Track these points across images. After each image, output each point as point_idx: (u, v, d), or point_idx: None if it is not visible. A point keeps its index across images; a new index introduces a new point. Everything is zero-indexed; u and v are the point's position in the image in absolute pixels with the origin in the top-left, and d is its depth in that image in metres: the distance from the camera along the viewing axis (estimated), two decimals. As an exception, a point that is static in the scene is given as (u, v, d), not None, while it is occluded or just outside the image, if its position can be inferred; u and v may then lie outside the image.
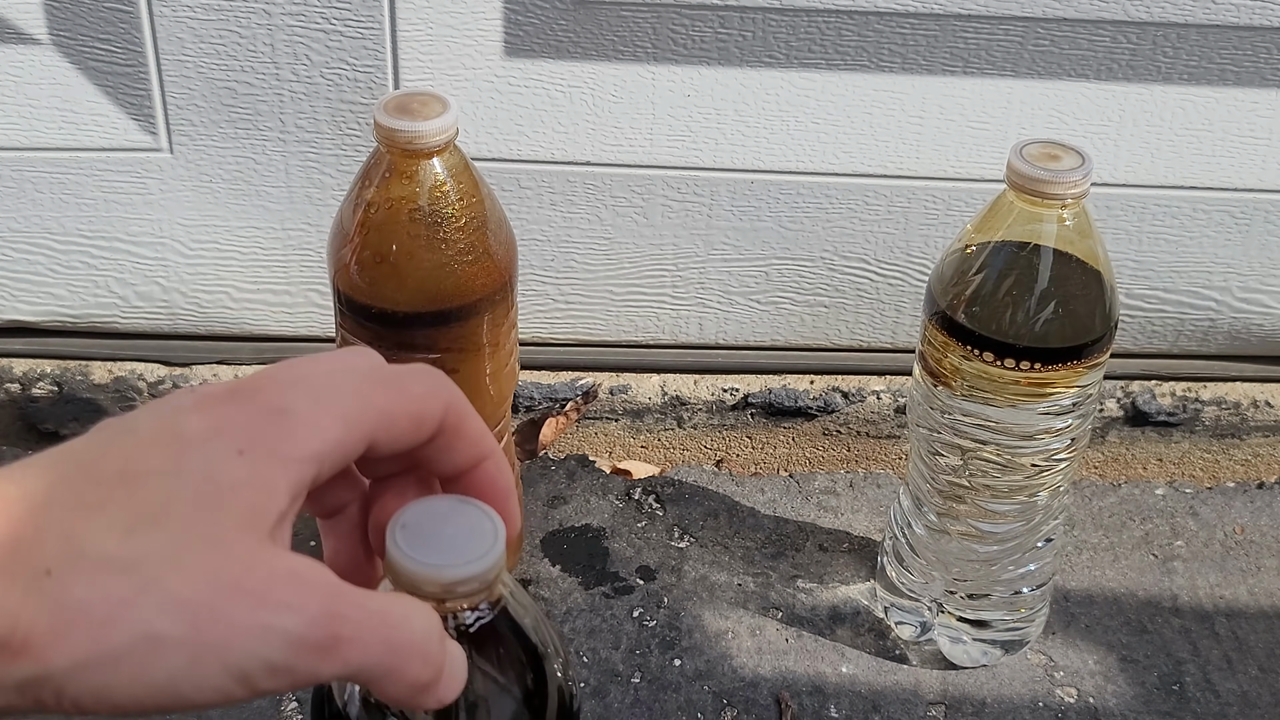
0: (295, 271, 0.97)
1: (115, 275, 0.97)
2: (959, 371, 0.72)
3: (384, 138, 0.70)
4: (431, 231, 0.71)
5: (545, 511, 0.93)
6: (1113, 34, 0.88)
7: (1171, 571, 0.91)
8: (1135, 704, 0.81)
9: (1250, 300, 0.99)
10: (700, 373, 1.00)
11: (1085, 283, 0.71)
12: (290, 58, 0.89)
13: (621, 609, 0.86)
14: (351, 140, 0.92)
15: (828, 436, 1.01)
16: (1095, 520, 0.95)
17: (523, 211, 0.94)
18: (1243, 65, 0.90)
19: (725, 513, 0.94)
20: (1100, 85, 0.90)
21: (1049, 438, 0.73)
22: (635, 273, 0.98)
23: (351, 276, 0.72)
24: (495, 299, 0.74)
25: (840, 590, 0.88)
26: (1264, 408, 1.00)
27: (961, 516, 0.77)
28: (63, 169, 0.92)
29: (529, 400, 0.99)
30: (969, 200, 0.94)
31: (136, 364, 0.98)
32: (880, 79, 0.90)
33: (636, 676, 0.81)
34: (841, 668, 0.82)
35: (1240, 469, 1.03)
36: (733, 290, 0.99)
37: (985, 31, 0.88)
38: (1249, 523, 0.95)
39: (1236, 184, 0.94)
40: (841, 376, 1.00)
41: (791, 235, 0.96)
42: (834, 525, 0.93)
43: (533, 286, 0.98)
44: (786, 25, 0.88)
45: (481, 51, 0.89)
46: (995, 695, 0.81)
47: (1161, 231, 0.96)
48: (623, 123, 0.92)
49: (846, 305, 0.99)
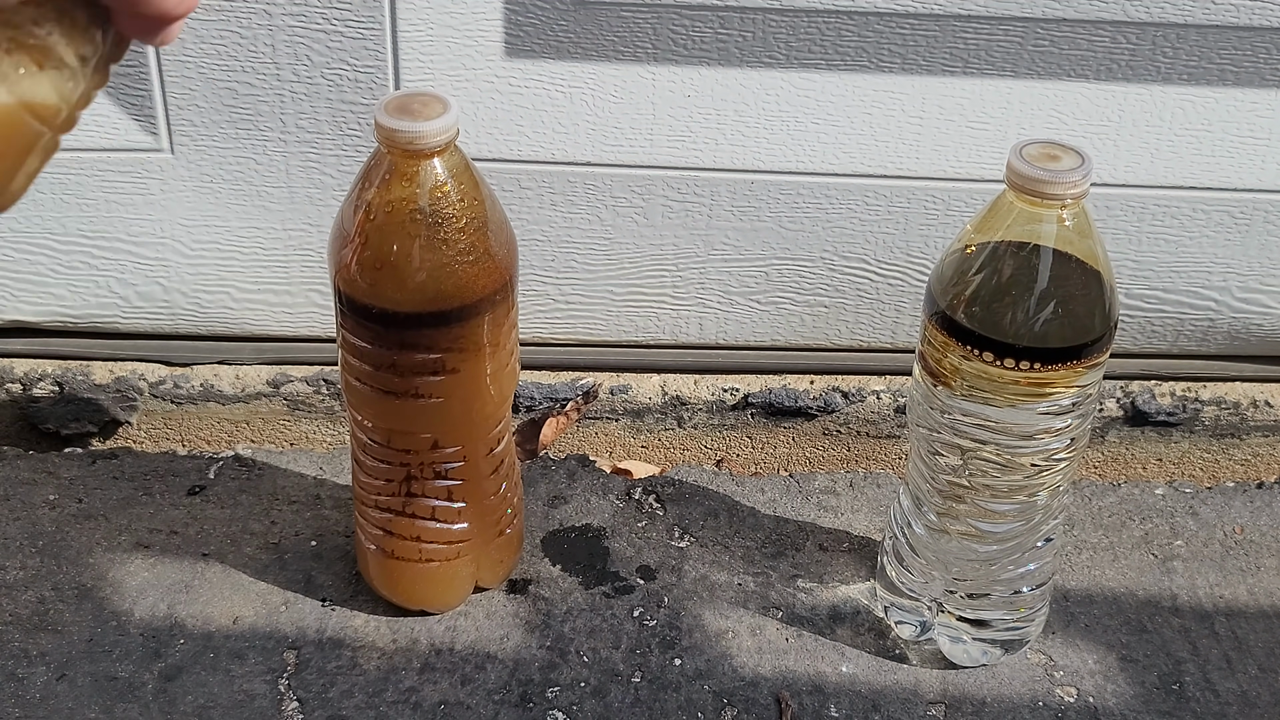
0: (296, 272, 0.97)
1: (116, 275, 0.97)
2: (959, 371, 0.72)
3: (385, 138, 0.70)
4: (432, 232, 0.71)
5: (546, 511, 0.93)
6: (1112, 34, 0.89)
7: (1171, 571, 0.91)
8: (1135, 703, 0.81)
9: (1250, 300, 0.99)
10: (700, 373, 1.00)
11: (1085, 283, 0.71)
12: (291, 58, 0.89)
13: (622, 609, 0.86)
14: (352, 140, 0.92)
15: (828, 436, 1.01)
16: (1095, 520, 0.95)
17: (523, 212, 0.94)
18: (1243, 65, 0.90)
19: (725, 513, 0.94)
20: (1100, 85, 0.91)
21: (1049, 438, 0.73)
22: (635, 273, 0.98)
23: (352, 276, 0.72)
24: (496, 299, 0.74)
25: (840, 590, 0.88)
26: (1263, 408, 1.00)
27: (961, 516, 0.78)
28: (64, 169, 0.92)
29: (529, 400, 0.99)
30: (969, 200, 0.95)
31: (138, 364, 0.99)
32: (880, 79, 0.90)
33: (637, 676, 0.81)
34: (841, 667, 0.82)
35: (1240, 469, 1.03)
36: (733, 290, 0.99)
37: (985, 32, 0.88)
38: (1248, 523, 0.95)
39: (1236, 184, 0.95)
40: (841, 376, 1.01)
41: (791, 235, 0.96)
42: (834, 525, 0.93)
43: (533, 286, 0.98)
44: (786, 25, 0.88)
45: (482, 52, 0.89)
46: (995, 695, 0.81)
47: (1161, 231, 0.96)
48: (623, 123, 0.92)
49: (846, 305, 0.99)
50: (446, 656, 0.82)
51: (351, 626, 0.83)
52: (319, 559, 0.88)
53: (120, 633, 0.82)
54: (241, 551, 0.88)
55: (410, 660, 0.81)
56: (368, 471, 0.80)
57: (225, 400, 0.98)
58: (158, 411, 0.99)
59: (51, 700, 0.78)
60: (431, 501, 0.79)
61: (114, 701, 0.78)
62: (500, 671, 0.81)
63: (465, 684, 0.80)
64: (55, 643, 0.81)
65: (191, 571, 0.87)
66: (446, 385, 0.74)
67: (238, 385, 0.98)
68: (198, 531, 0.90)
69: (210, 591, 0.85)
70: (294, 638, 0.83)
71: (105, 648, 0.81)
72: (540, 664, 0.81)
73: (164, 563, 0.87)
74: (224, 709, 0.78)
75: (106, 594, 0.85)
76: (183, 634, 0.82)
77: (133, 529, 0.90)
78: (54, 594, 0.85)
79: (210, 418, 0.99)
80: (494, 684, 0.80)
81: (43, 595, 0.85)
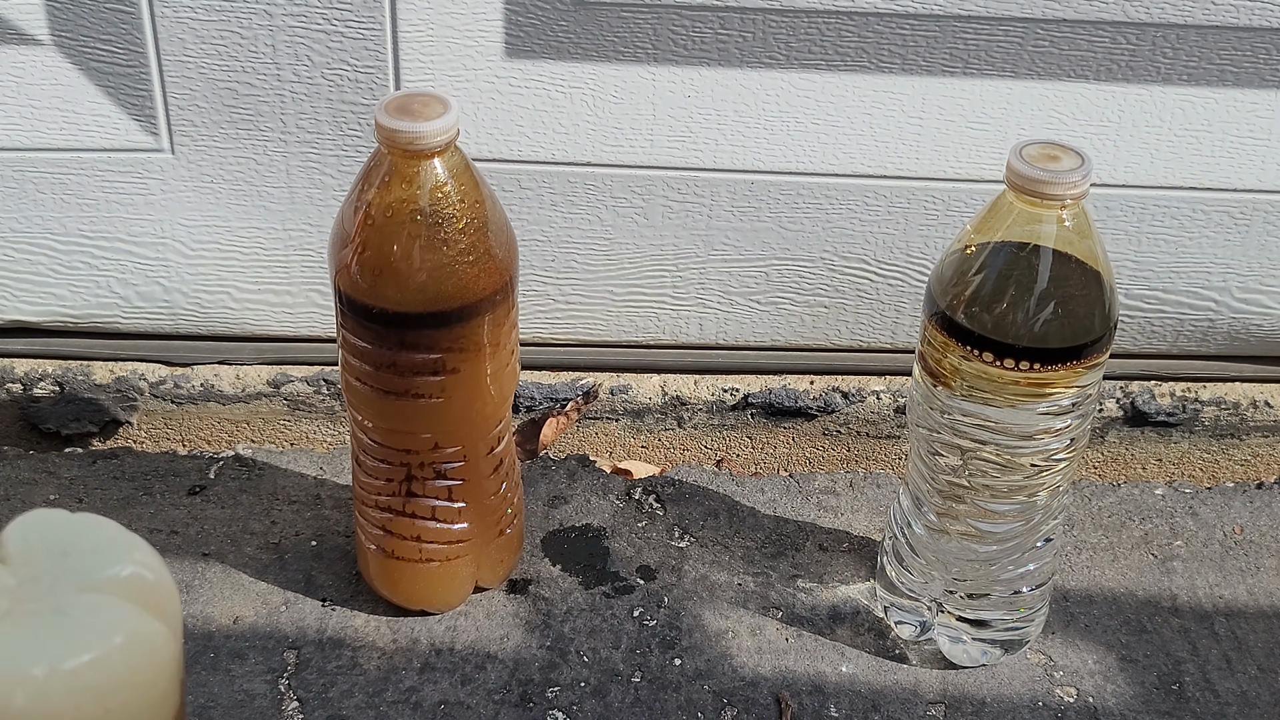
0: (296, 272, 0.97)
1: (117, 275, 0.97)
2: (959, 371, 0.72)
3: (385, 138, 0.70)
4: (432, 232, 0.71)
5: (546, 511, 0.93)
6: (1112, 35, 0.89)
7: (1171, 571, 0.91)
8: (1135, 703, 0.81)
9: (1249, 300, 0.99)
10: (700, 373, 1.00)
11: (1085, 283, 0.71)
12: (291, 58, 0.89)
13: (622, 609, 0.86)
14: (352, 141, 0.92)
15: (828, 436, 1.01)
16: (1095, 520, 0.95)
17: (523, 212, 0.94)
18: (1243, 65, 0.90)
19: (725, 513, 0.94)
20: (1100, 86, 0.91)
21: (1048, 438, 0.73)
22: (635, 273, 0.98)
23: (353, 277, 0.72)
24: (496, 299, 0.74)
25: (840, 590, 0.88)
26: (1263, 408, 1.00)
27: (961, 516, 0.78)
28: (64, 169, 0.92)
29: (529, 400, 0.99)
30: (969, 200, 0.95)
31: (138, 364, 0.99)
32: (880, 79, 0.90)
33: (637, 676, 0.81)
34: (841, 667, 0.82)
35: (1239, 469, 1.03)
36: (733, 290, 0.99)
37: (985, 32, 0.88)
38: (1248, 523, 0.95)
39: (1236, 184, 0.95)
40: (841, 376, 1.01)
41: (791, 235, 0.96)
42: (834, 525, 0.93)
43: (533, 287, 0.98)
44: (786, 26, 0.88)
45: (482, 52, 0.89)
46: (995, 695, 0.81)
47: (1161, 232, 0.96)
48: (623, 123, 0.92)
49: (846, 305, 1.00)
50: (446, 656, 0.82)
51: (352, 626, 0.83)
52: (319, 559, 0.88)
53: (120, 633, 0.82)
54: (242, 551, 0.88)
55: (410, 660, 0.81)
56: (368, 471, 0.80)
57: (225, 400, 0.98)
58: (158, 411, 0.99)
59: (52, 700, 0.78)
60: (431, 501, 0.79)
61: (114, 701, 0.78)
62: (500, 671, 0.81)
63: (465, 684, 0.80)
64: (55, 643, 0.81)
65: (192, 571, 0.87)
66: (447, 385, 0.74)
67: (238, 385, 0.98)
68: (198, 531, 0.90)
69: (210, 591, 0.85)
70: (294, 638, 0.83)
71: (105, 648, 0.81)
72: (540, 664, 0.81)
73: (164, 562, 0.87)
74: (224, 709, 0.78)
75: (107, 594, 0.85)
76: (183, 634, 0.82)
77: (133, 529, 0.89)
78: (54, 594, 0.85)
79: (210, 418, 0.99)
80: (494, 684, 0.80)
81: (43, 595, 0.85)
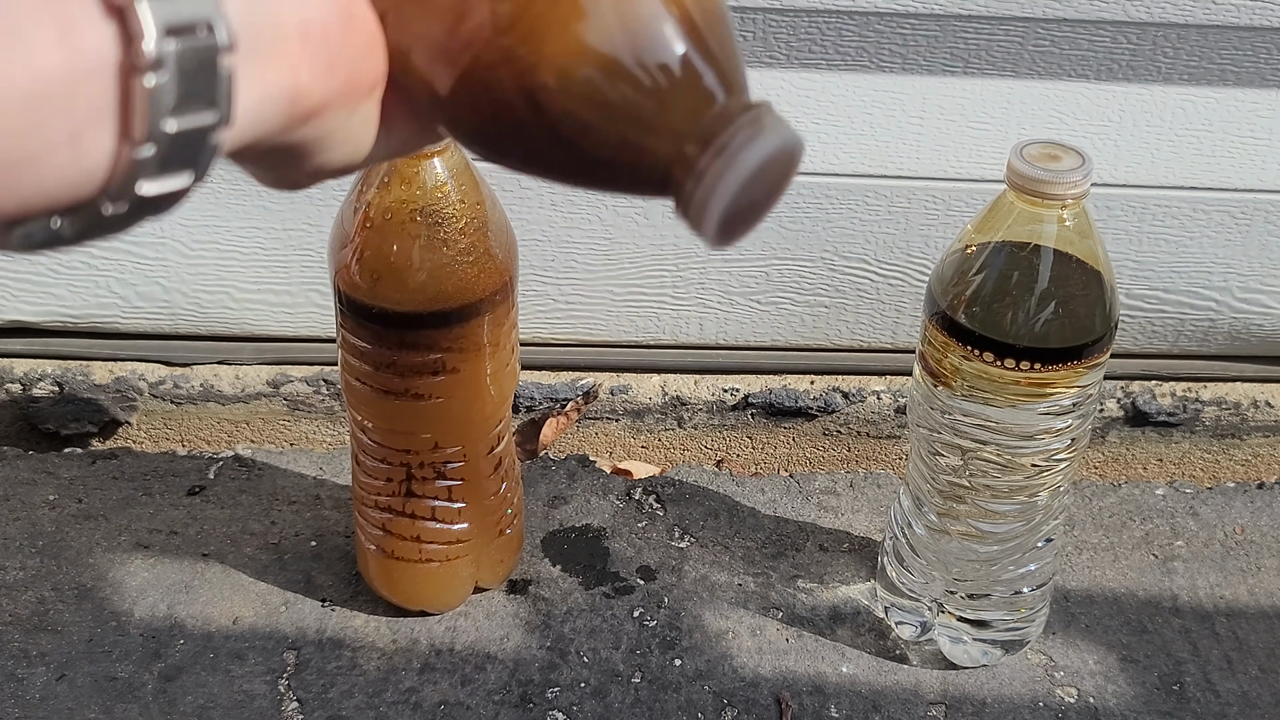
0: (296, 272, 0.97)
1: (116, 275, 0.97)
2: (959, 371, 0.72)
3: (385, 138, 0.70)
4: (432, 232, 0.71)
5: (546, 512, 0.93)
6: (1113, 34, 0.89)
7: (1171, 572, 0.91)
8: (1135, 704, 0.81)
9: (1250, 300, 0.99)
10: (700, 373, 1.00)
11: (1085, 283, 0.71)
12: (291, 58, 0.89)
13: (622, 609, 0.86)
14: (352, 140, 0.92)
15: (828, 436, 1.01)
16: (1095, 520, 0.95)
17: (523, 212, 0.94)
18: (1243, 65, 0.90)
19: (725, 513, 0.94)
20: (1100, 85, 0.91)
21: (1049, 438, 0.73)
22: (635, 273, 0.98)
23: (352, 277, 0.72)
24: (496, 299, 0.74)
25: (840, 590, 0.88)
26: (1264, 408, 1.00)
27: (961, 516, 0.77)
28: (64, 169, 0.92)
29: (529, 400, 0.99)
30: (969, 200, 0.95)
31: (137, 364, 0.99)
32: (880, 79, 0.90)
33: (637, 676, 0.81)
34: (842, 668, 0.82)
35: (1240, 469, 1.03)
36: (733, 290, 0.99)
37: (985, 32, 0.88)
38: (1249, 523, 0.95)
39: (1236, 184, 0.95)
40: (841, 376, 1.00)
41: (791, 235, 0.96)
42: (834, 525, 0.93)
43: (533, 287, 0.98)
44: (786, 25, 0.88)
45: (482, 52, 0.89)
46: (995, 695, 0.81)
47: (1161, 232, 0.96)
48: (623, 123, 0.92)
49: (846, 305, 0.99)
50: (446, 657, 0.82)
51: (351, 627, 0.83)
52: (319, 559, 0.88)
53: (120, 633, 0.82)
54: (241, 552, 0.88)
55: (410, 661, 0.81)
56: (368, 471, 0.79)
57: (225, 400, 0.98)
58: (158, 411, 0.99)
59: (51, 700, 0.78)
60: (431, 501, 0.79)
61: (114, 702, 0.78)
62: (500, 672, 0.81)
63: (465, 684, 0.80)
64: (55, 643, 0.81)
65: (191, 572, 0.87)
66: (446, 385, 0.74)
67: (238, 385, 0.98)
68: (198, 532, 0.90)
69: (210, 592, 0.85)
70: (294, 638, 0.82)
71: (105, 648, 0.81)
72: (540, 664, 0.81)
73: (164, 563, 0.87)
74: (224, 709, 0.78)
75: (106, 594, 0.85)
76: (182, 634, 0.82)
77: (133, 529, 0.90)
78: (54, 594, 0.85)
79: (210, 418, 0.99)
80: (494, 684, 0.80)
81: (43, 595, 0.84)
